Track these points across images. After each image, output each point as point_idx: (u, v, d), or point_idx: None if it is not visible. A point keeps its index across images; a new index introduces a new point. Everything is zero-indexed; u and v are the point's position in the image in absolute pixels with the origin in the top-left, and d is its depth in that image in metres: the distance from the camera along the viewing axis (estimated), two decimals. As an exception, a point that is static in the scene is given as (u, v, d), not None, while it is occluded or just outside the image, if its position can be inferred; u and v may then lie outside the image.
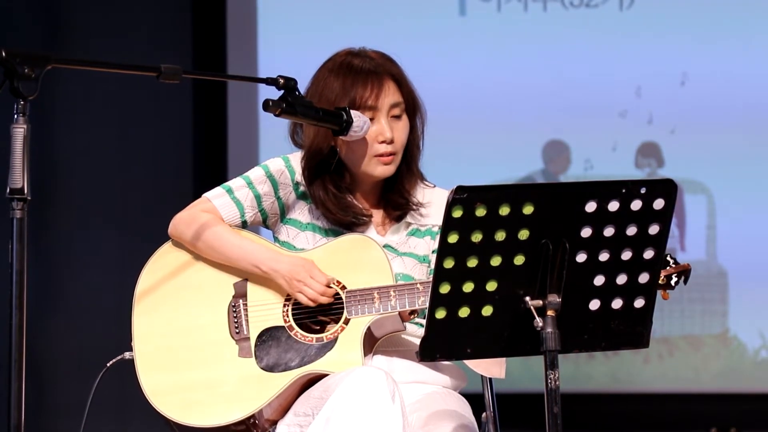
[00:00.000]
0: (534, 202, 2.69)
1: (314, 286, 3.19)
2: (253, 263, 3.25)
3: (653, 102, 6.08)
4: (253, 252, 3.26)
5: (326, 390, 3.07)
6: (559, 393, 2.72)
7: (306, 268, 3.21)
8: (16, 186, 2.62)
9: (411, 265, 3.34)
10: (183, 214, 3.33)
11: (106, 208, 6.24)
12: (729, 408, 6.07)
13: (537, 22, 6.13)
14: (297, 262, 3.22)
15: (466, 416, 3.24)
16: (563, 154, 6.16)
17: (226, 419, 3.17)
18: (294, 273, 3.21)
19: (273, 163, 3.37)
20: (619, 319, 2.79)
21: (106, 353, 3.38)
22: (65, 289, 6.23)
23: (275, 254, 3.25)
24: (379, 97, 3.27)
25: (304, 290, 3.19)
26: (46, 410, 6.15)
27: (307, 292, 3.19)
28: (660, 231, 2.75)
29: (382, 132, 3.28)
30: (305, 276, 3.20)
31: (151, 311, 3.27)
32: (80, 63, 2.89)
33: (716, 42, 6.01)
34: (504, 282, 2.72)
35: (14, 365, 2.61)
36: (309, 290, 3.19)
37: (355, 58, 3.31)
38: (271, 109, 3.11)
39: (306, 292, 3.19)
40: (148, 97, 6.16)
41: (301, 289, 3.20)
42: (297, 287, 3.20)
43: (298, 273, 3.20)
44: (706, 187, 6.05)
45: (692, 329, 6.06)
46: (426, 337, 2.73)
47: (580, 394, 6.10)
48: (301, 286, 3.20)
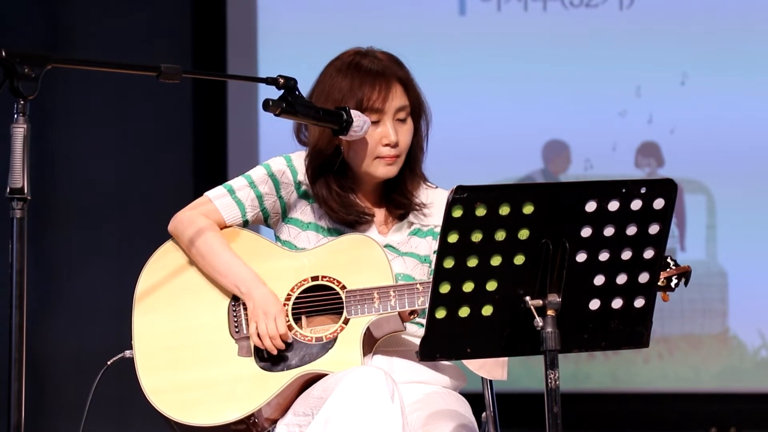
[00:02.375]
0: (534, 202, 2.69)
1: (270, 327, 3.18)
2: (234, 282, 3.25)
3: (653, 102, 6.08)
4: (238, 272, 3.25)
5: (326, 390, 3.07)
6: (559, 393, 2.72)
7: (276, 308, 3.20)
8: (16, 186, 2.63)
9: (412, 265, 3.35)
10: (184, 215, 3.33)
11: (106, 208, 6.24)
12: (729, 408, 6.07)
13: (537, 22, 6.13)
14: (273, 299, 3.22)
15: (466, 416, 3.24)
16: (563, 154, 6.16)
17: (225, 418, 3.17)
18: (264, 305, 3.20)
19: (275, 163, 3.37)
20: (619, 318, 2.79)
21: (106, 352, 3.38)
22: (65, 288, 6.23)
23: (257, 281, 3.25)
24: (386, 101, 3.27)
25: (259, 324, 3.19)
26: (47, 409, 6.15)
27: (260, 327, 3.18)
28: (660, 231, 2.75)
29: (386, 135, 3.28)
30: (271, 313, 3.19)
31: (151, 311, 3.27)
32: (80, 63, 2.90)
33: (716, 42, 6.01)
34: (504, 282, 2.72)
35: (14, 365, 2.61)
36: (262, 326, 3.18)
37: (363, 59, 3.31)
38: (271, 108, 3.11)
39: (259, 327, 3.19)
40: (148, 97, 6.16)
41: (257, 320, 3.19)
42: (256, 317, 3.20)
43: (267, 307, 3.20)
44: (706, 187, 6.05)
45: (692, 329, 6.06)
46: (426, 336, 2.73)
47: (580, 394, 6.10)
48: (260, 318, 3.19)
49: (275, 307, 3.20)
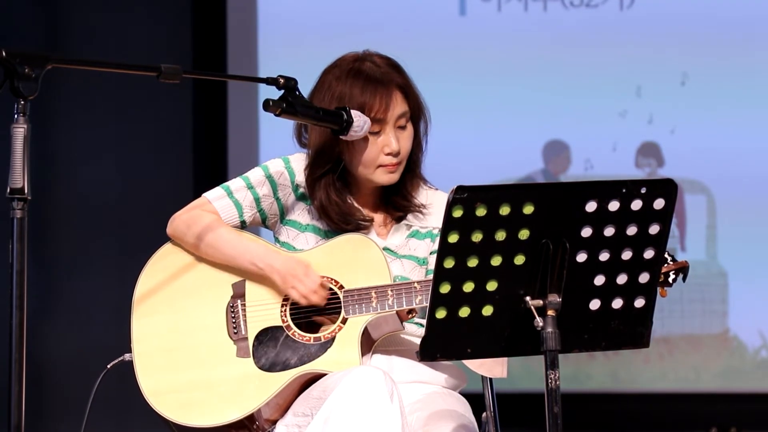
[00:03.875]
0: (534, 202, 2.69)
1: (307, 283, 3.19)
2: (249, 260, 3.25)
3: (653, 102, 6.08)
4: (250, 249, 3.26)
5: (325, 390, 3.07)
6: (559, 393, 2.72)
7: (302, 266, 3.21)
8: (16, 186, 2.62)
9: (410, 267, 3.34)
10: (183, 216, 3.33)
11: (107, 209, 6.24)
12: (729, 408, 6.07)
13: (537, 22, 6.12)
14: (293, 259, 3.23)
15: (466, 416, 3.24)
16: (563, 154, 6.16)
17: (224, 419, 3.17)
18: (289, 269, 3.21)
19: (273, 164, 3.37)
20: (620, 318, 2.79)
21: (106, 355, 3.37)
22: (65, 289, 6.23)
23: (272, 252, 3.26)
24: (388, 110, 3.27)
25: (297, 286, 3.19)
26: (47, 411, 6.15)
27: (299, 288, 3.19)
28: (660, 231, 2.75)
29: (388, 144, 3.28)
30: (300, 273, 3.20)
31: (150, 313, 3.27)
32: (80, 63, 2.90)
33: (716, 42, 6.01)
34: (504, 282, 2.72)
35: (14, 365, 2.61)
36: (302, 286, 3.19)
37: (362, 64, 3.29)
38: (271, 109, 3.11)
39: (299, 288, 3.19)
40: (148, 97, 6.16)
41: (294, 284, 3.20)
42: (290, 283, 3.20)
43: (293, 269, 3.21)
44: (706, 187, 6.04)
45: (692, 329, 6.06)
46: (426, 336, 2.73)
47: (580, 394, 6.10)
48: (294, 281, 3.20)
49: (300, 265, 3.21)
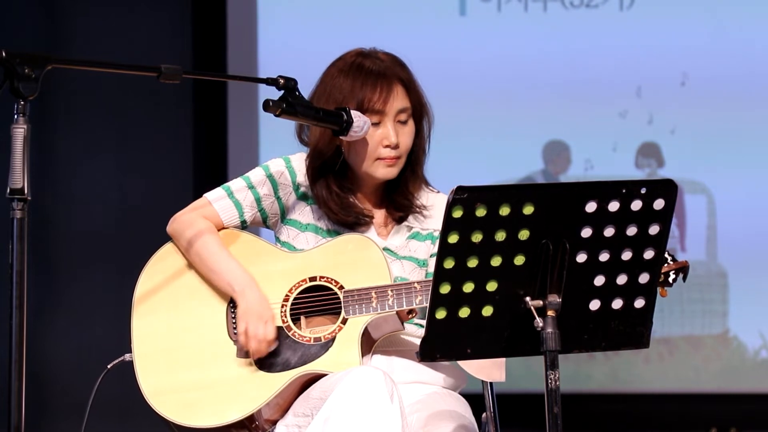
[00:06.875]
0: (534, 203, 2.69)
1: (260, 330, 3.16)
2: (228, 281, 3.24)
3: (653, 102, 6.08)
4: (233, 273, 3.24)
5: (325, 390, 3.07)
6: (559, 393, 2.72)
7: (268, 313, 3.19)
8: (16, 186, 2.63)
9: (410, 269, 3.34)
10: (183, 216, 3.33)
11: (106, 208, 6.24)
12: (729, 408, 6.08)
13: (537, 22, 6.13)
14: (266, 304, 3.21)
15: (466, 416, 3.24)
16: (563, 154, 6.16)
17: (224, 419, 3.17)
18: (258, 307, 3.19)
19: (273, 164, 3.37)
20: (620, 319, 2.79)
21: (106, 355, 3.37)
22: (65, 289, 6.23)
23: (252, 284, 3.24)
24: (387, 102, 3.27)
25: (250, 324, 3.17)
26: (47, 411, 6.15)
27: (251, 328, 3.17)
28: (660, 231, 2.75)
29: (387, 136, 3.28)
30: (264, 317, 3.18)
31: (150, 313, 3.27)
32: (80, 63, 2.90)
33: (716, 42, 6.01)
34: (504, 282, 2.72)
35: (14, 365, 2.61)
36: (253, 328, 3.16)
37: (365, 59, 3.30)
38: (271, 109, 3.11)
39: (250, 328, 3.17)
40: (148, 97, 6.16)
41: (249, 320, 3.17)
42: (248, 318, 3.18)
43: (260, 310, 3.19)
44: (706, 187, 6.05)
45: (692, 329, 6.07)
46: (426, 337, 2.73)
47: (580, 394, 6.10)
48: (253, 319, 3.17)
49: (268, 312, 3.20)
